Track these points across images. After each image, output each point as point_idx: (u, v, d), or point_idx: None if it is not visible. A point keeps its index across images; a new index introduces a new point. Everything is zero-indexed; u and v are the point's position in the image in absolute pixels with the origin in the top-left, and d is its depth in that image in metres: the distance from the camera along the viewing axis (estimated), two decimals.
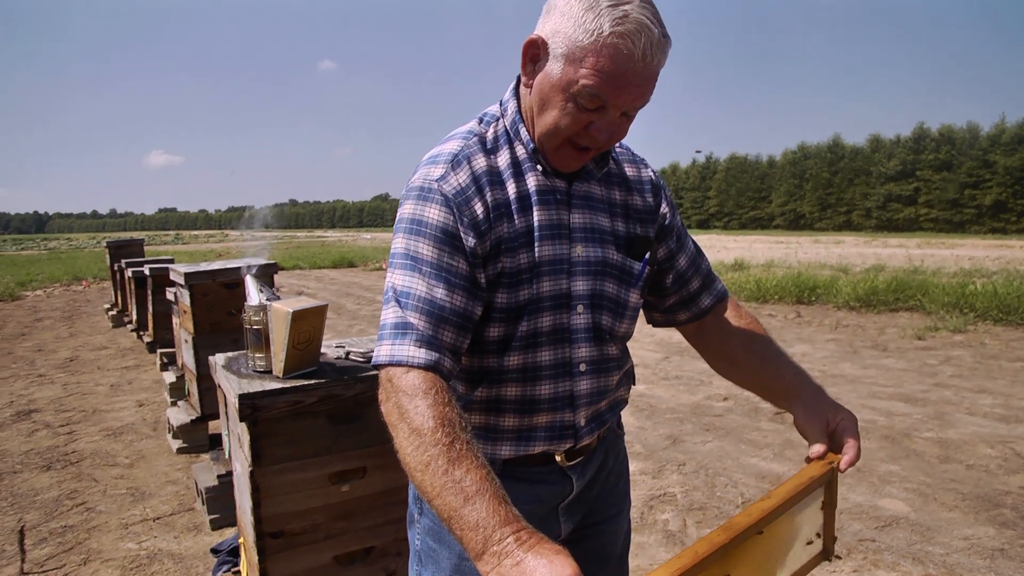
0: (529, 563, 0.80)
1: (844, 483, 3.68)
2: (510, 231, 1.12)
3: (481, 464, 0.92)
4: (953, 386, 5.60)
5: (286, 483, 2.01)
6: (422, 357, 1.02)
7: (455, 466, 0.90)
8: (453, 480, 0.89)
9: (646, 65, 1.00)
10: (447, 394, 1.00)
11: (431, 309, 1.05)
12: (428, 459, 0.92)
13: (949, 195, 44.57)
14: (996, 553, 2.93)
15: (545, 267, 1.14)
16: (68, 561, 3.09)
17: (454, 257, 1.07)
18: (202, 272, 4.17)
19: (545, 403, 1.19)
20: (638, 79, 1.01)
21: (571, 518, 1.31)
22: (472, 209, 1.09)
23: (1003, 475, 3.75)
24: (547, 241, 1.14)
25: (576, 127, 1.06)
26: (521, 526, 0.86)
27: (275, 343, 1.97)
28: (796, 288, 10.46)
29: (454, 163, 1.11)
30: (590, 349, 1.20)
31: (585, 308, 1.18)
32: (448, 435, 0.93)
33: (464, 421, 0.98)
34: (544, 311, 1.15)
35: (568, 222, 1.16)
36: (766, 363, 1.28)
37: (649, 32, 0.99)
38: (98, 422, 5.22)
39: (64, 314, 11.89)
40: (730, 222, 61.19)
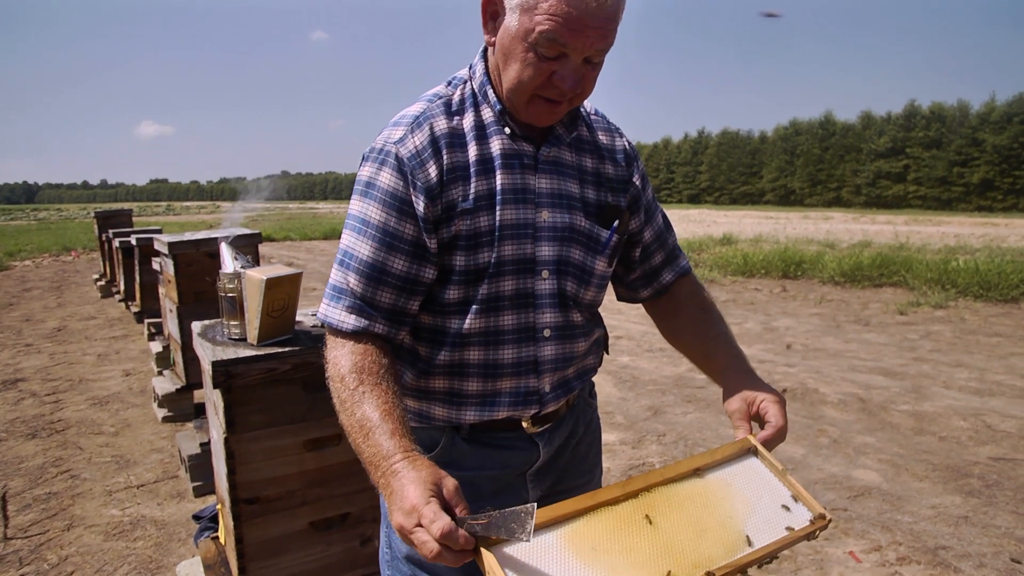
0: (398, 486, 0.92)
1: (820, 455, 3.76)
2: (466, 193, 1.11)
3: (383, 402, 1.01)
4: (931, 360, 5.69)
5: (261, 450, 2.04)
6: (350, 323, 1.10)
7: (357, 407, 1.01)
8: (356, 418, 1.01)
9: (600, 5, 0.98)
10: (364, 346, 1.09)
11: (371, 272, 1.10)
12: (339, 402, 1.05)
13: (938, 173, 44.66)
14: (960, 520, 3.01)
15: (508, 231, 1.13)
16: (52, 527, 3.12)
17: (401, 222, 1.10)
18: (186, 242, 4.17)
19: (508, 367, 1.20)
20: (595, 20, 0.99)
21: (539, 484, 1.32)
22: (426, 172, 1.09)
23: (973, 446, 3.83)
24: (510, 205, 1.13)
25: (540, 78, 1.05)
26: (400, 456, 0.95)
27: (249, 311, 1.99)
28: (782, 263, 10.53)
29: (414, 125, 1.12)
30: (555, 315, 1.20)
31: (551, 274, 1.18)
32: (355, 379, 1.04)
33: (379, 366, 1.06)
34: (506, 275, 1.15)
35: (534, 187, 1.16)
36: (706, 342, 1.30)
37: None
38: (84, 391, 5.24)
39: (53, 284, 11.84)
40: (721, 197, 61.17)
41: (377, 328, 1.11)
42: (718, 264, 11.30)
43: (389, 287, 1.11)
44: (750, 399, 1.16)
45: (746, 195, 59.20)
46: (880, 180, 48.57)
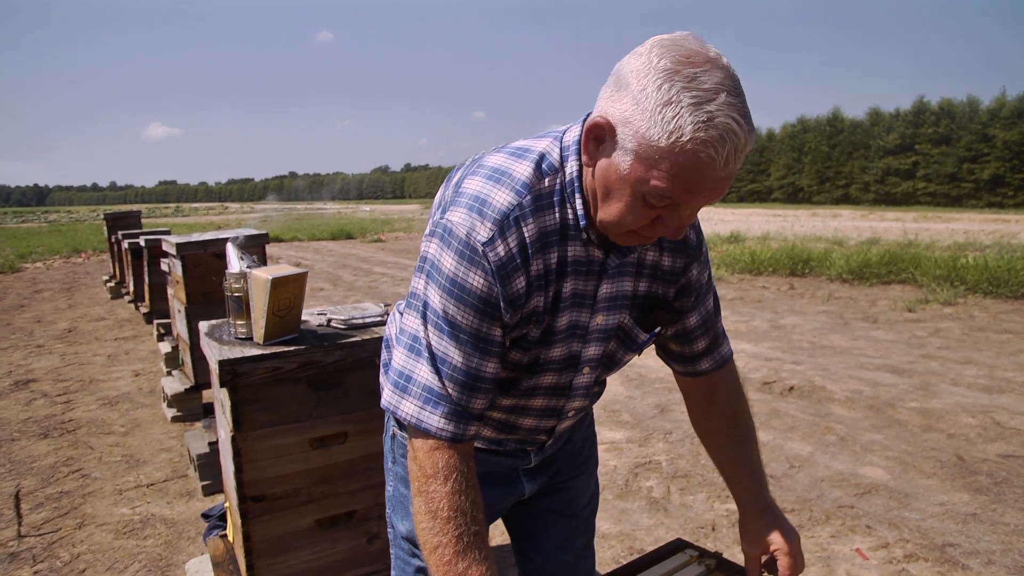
0: None
1: (827, 452, 3.75)
2: (544, 300, 1.07)
3: (483, 560, 1.01)
4: (940, 357, 5.66)
5: (267, 448, 2.06)
6: (450, 431, 1.04)
7: (459, 558, 1.00)
8: (456, 571, 1.00)
9: (727, 170, 0.89)
10: (464, 479, 1.04)
11: (467, 380, 1.04)
12: (437, 543, 1.01)
13: (947, 169, 44.39)
14: (969, 518, 3.00)
15: (560, 334, 1.11)
16: (63, 525, 3.16)
17: (492, 326, 1.04)
18: (193, 243, 4.20)
19: (525, 430, 1.28)
20: (715, 183, 0.90)
21: (534, 480, 1.39)
22: (513, 283, 1.02)
23: (982, 443, 3.82)
24: (566, 311, 1.10)
25: (642, 222, 0.97)
26: None
27: (255, 310, 2.00)
28: (790, 260, 10.49)
29: (504, 227, 1.00)
30: (583, 400, 1.26)
31: (591, 370, 1.20)
32: (458, 527, 1.01)
33: (476, 509, 1.04)
34: (550, 371, 1.16)
35: (595, 292, 1.11)
36: (731, 460, 1.30)
37: (734, 138, 0.86)
38: (95, 391, 5.28)
39: (63, 286, 11.93)
40: (728, 195, 60.85)
41: (471, 431, 1.07)
42: (725, 262, 11.28)
43: (482, 392, 1.06)
44: (765, 546, 1.21)
45: (754, 193, 59.00)
46: (889, 177, 48.32)
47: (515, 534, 1.51)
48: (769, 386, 4.95)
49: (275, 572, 2.15)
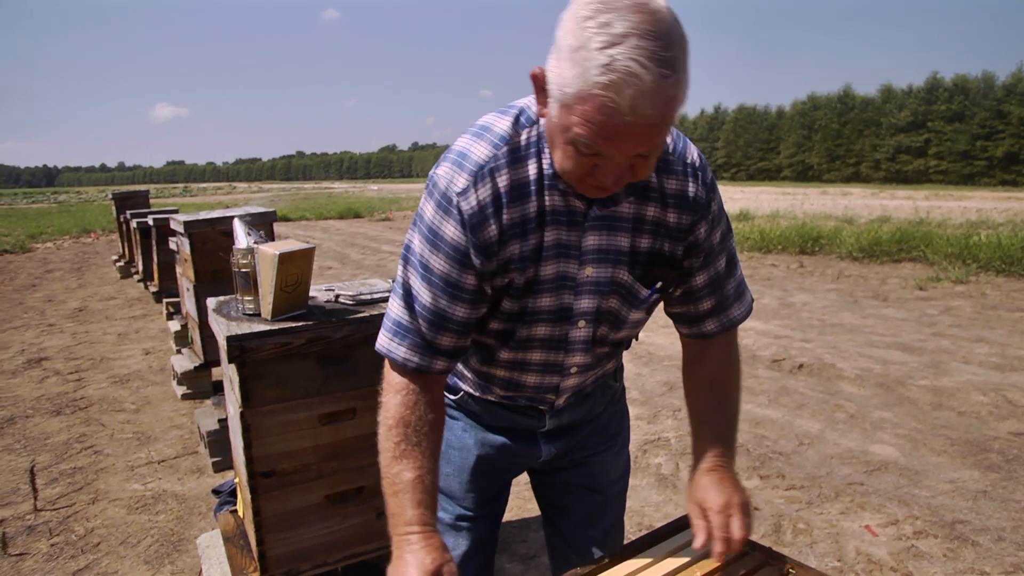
0: (402, 558, 1.08)
1: (837, 430, 3.74)
2: (522, 250, 1.09)
3: (416, 467, 1.12)
4: (951, 335, 5.63)
5: (276, 424, 2.06)
6: (415, 362, 1.14)
7: (396, 462, 1.13)
8: (391, 472, 1.13)
9: (637, 116, 0.86)
10: (417, 396, 1.15)
11: (434, 319, 1.12)
12: (382, 448, 1.16)
13: (960, 146, 43.91)
14: (979, 495, 2.99)
15: (548, 284, 1.13)
16: (77, 500, 3.19)
17: (463, 273, 1.09)
18: (201, 221, 4.20)
19: (530, 388, 1.29)
20: (633, 129, 0.88)
21: (552, 443, 1.38)
22: (486, 231, 1.06)
23: (993, 421, 3.80)
24: (551, 260, 1.11)
25: (581, 170, 0.97)
26: (417, 529, 1.09)
27: (263, 285, 2.00)
28: (800, 238, 10.43)
29: (478, 177, 1.05)
30: (584, 356, 1.24)
31: (588, 323, 1.19)
32: (398, 435, 1.13)
33: (421, 423, 1.14)
34: (541, 322, 1.17)
35: (579, 243, 1.11)
36: (702, 416, 1.28)
37: (638, 82, 0.83)
38: (106, 369, 5.32)
39: (73, 265, 11.99)
40: (737, 173, 60.60)
41: (438, 365, 1.15)
42: (735, 240, 11.24)
43: (451, 332, 1.13)
44: (702, 504, 1.16)
45: (763, 171, 58.58)
46: (900, 155, 47.88)
47: (543, 506, 1.51)
48: (778, 364, 4.93)
49: (285, 547, 2.16)
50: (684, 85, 0.88)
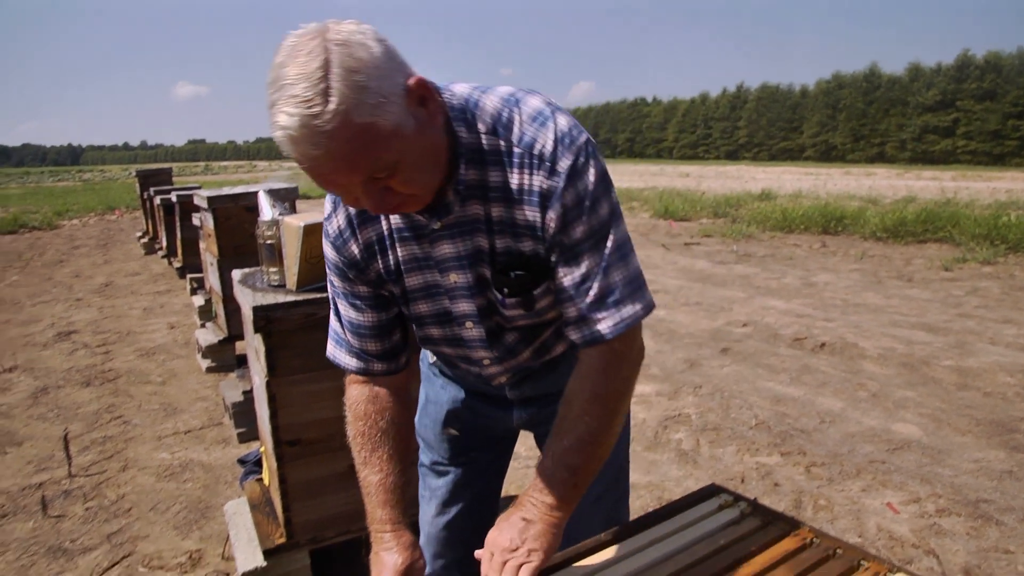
0: (378, 554, 1.19)
1: (859, 408, 3.72)
2: (384, 265, 1.15)
3: (378, 470, 1.23)
4: (977, 316, 5.55)
5: (301, 393, 2.09)
6: (354, 366, 1.25)
7: (362, 467, 1.26)
8: (360, 476, 1.26)
9: (316, 158, 0.86)
10: (368, 398, 1.25)
11: (351, 327, 1.22)
12: (353, 456, 1.29)
13: (991, 126, 42.99)
14: (1004, 475, 2.97)
15: (418, 293, 1.17)
16: (108, 468, 3.27)
17: (353, 285, 1.18)
18: (224, 196, 4.23)
19: (471, 374, 1.34)
20: (326, 168, 0.88)
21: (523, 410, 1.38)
22: (349, 250, 1.15)
23: (1020, 402, 3.75)
24: (413, 273, 1.14)
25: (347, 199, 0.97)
26: (389, 528, 1.20)
27: (288, 257, 2.02)
28: (823, 218, 10.31)
29: (336, 203, 1.14)
30: (489, 351, 1.22)
31: (475, 323, 1.18)
32: (359, 443, 1.26)
33: (376, 426, 1.24)
34: (430, 325, 1.22)
35: (432, 254, 1.11)
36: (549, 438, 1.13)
37: (291, 132, 0.84)
38: (132, 343, 5.41)
39: (99, 242, 12.17)
40: (759, 153, 59.87)
41: (376, 367, 1.24)
42: (756, 219, 11.11)
43: (369, 337, 1.21)
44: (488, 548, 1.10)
45: (785, 151, 57.83)
46: (927, 135, 47.01)
47: None
48: (800, 342, 4.90)
49: (310, 514, 2.20)
50: (348, 107, 0.83)
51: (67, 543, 2.65)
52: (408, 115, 0.91)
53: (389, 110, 0.87)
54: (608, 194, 1.04)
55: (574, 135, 1.01)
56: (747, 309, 5.93)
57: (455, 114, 1.02)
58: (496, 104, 1.03)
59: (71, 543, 2.65)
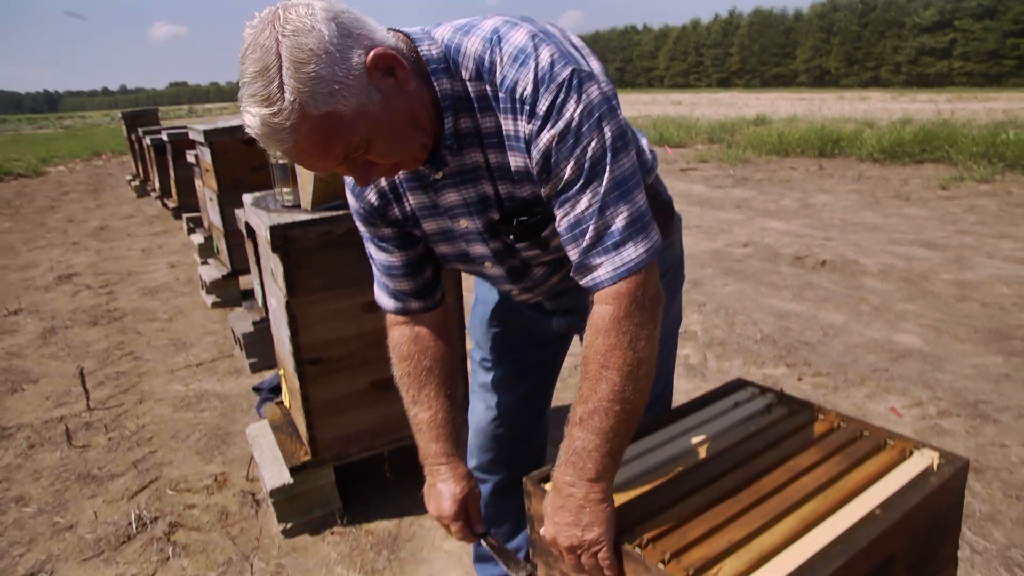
0: (435, 486, 1.26)
1: (861, 321, 3.78)
2: (401, 211, 1.18)
3: (427, 407, 1.27)
4: (975, 232, 5.59)
5: (321, 312, 2.12)
6: (392, 306, 1.29)
7: (411, 405, 1.29)
8: (410, 415, 1.30)
9: (287, 151, 0.90)
10: (408, 337, 1.28)
11: (384, 269, 1.26)
12: (401, 395, 1.31)
13: (989, 46, 42.28)
14: (1001, 378, 3.05)
15: (436, 236, 1.20)
16: (125, 400, 3.32)
17: (378, 229, 1.22)
18: (221, 130, 4.17)
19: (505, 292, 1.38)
20: (298, 157, 0.92)
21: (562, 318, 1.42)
22: (367, 199, 1.18)
23: (1016, 311, 3.82)
24: (426, 219, 1.17)
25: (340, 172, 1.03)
26: (444, 460, 1.26)
27: (302, 176, 2.01)
28: (819, 141, 10.25)
29: None
30: (513, 284, 1.27)
31: (493, 262, 1.20)
32: (405, 382, 1.29)
33: (420, 364, 1.27)
34: (452, 262, 1.26)
35: (439, 202, 1.13)
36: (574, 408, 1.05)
37: (257, 128, 0.87)
38: (134, 283, 5.42)
39: (88, 187, 12.03)
40: (752, 80, 58.97)
41: (413, 305, 1.27)
42: (752, 144, 11.04)
43: (401, 277, 1.25)
44: None
45: (778, 77, 56.97)
46: (923, 57, 46.28)
47: None
48: (801, 260, 4.94)
49: (334, 431, 2.26)
50: (302, 101, 0.85)
51: (95, 470, 2.72)
52: (371, 91, 0.90)
53: (348, 93, 0.87)
54: (600, 127, 0.96)
55: (556, 71, 0.94)
56: (747, 230, 5.95)
57: (435, 66, 0.99)
58: (478, 47, 0.99)
59: (99, 470, 2.72)
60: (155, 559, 2.18)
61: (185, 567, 2.13)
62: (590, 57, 1.03)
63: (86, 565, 2.17)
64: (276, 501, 2.23)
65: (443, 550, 2.14)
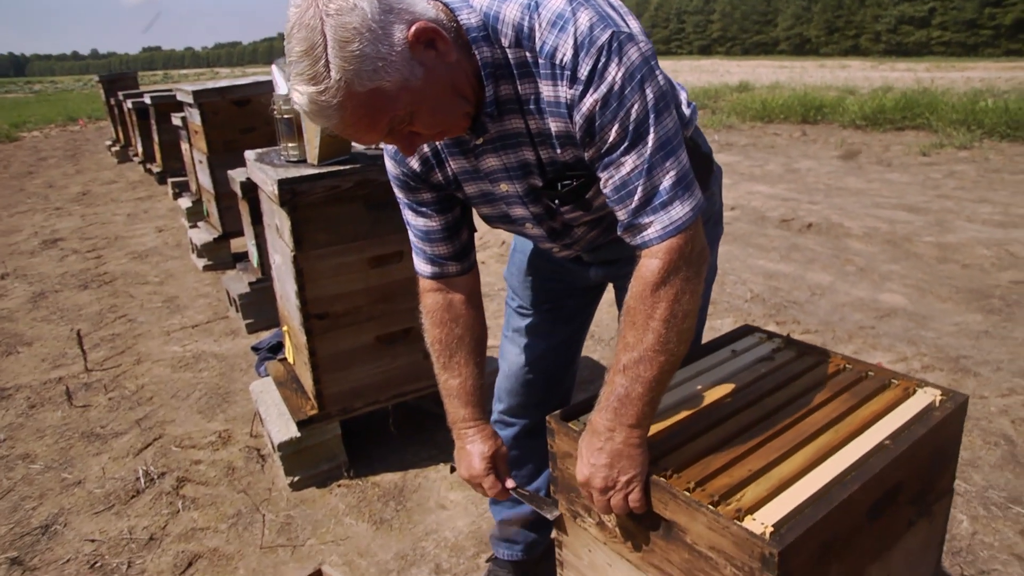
0: (464, 448, 1.33)
1: (847, 281, 3.87)
2: (443, 175, 1.20)
3: (457, 374, 1.32)
4: (955, 197, 5.69)
5: (328, 267, 2.14)
6: (429, 271, 1.32)
7: (441, 371, 1.34)
8: (440, 380, 1.35)
9: (334, 126, 0.94)
10: (442, 303, 1.32)
11: (422, 235, 1.29)
12: (432, 361, 1.36)
13: (967, 15, 42.45)
14: (981, 335, 3.15)
15: (477, 199, 1.24)
16: (123, 361, 3.33)
17: (416, 193, 1.25)
18: (211, 90, 4.13)
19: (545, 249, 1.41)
20: (345, 132, 0.96)
21: (600, 269, 1.46)
22: (409, 164, 1.20)
23: (995, 272, 3.93)
24: (468, 182, 1.20)
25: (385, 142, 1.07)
26: (472, 424, 1.32)
27: (308, 130, 2.02)
28: (802, 107, 10.30)
29: None
30: (554, 242, 1.31)
31: (533, 224, 1.24)
32: (435, 351, 1.34)
33: (450, 338, 1.32)
34: (497, 223, 1.30)
35: (479, 167, 1.16)
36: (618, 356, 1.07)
37: (305, 106, 0.91)
38: (122, 247, 5.38)
39: (67, 153, 11.79)
40: (733, 47, 58.79)
41: (451, 269, 1.31)
42: (736, 110, 11.06)
43: (440, 241, 1.28)
44: None
45: (759, 45, 56.82)
46: (902, 26, 46.36)
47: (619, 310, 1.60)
48: (787, 223, 5.02)
49: (340, 385, 2.30)
50: (348, 79, 0.87)
51: (98, 428, 2.74)
52: (414, 64, 0.92)
53: (391, 69, 0.89)
54: (642, 89, 0.97)
55: (595, 35, 0.95)
56: (733, 194, 6.01)
57: (475, 34, 1.00)
58: (516, 13, 0.99)
59: (102, 428, 2.74)
60: (166, 512, 2.22)
61: (196, 519, 2.18)
62: (628, 16, 1.03)
63: (98, 518, 2.20)
64: (284, 455, 2.27)
65: (449, 500, 2.21)
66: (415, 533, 2.06)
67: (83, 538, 2.11)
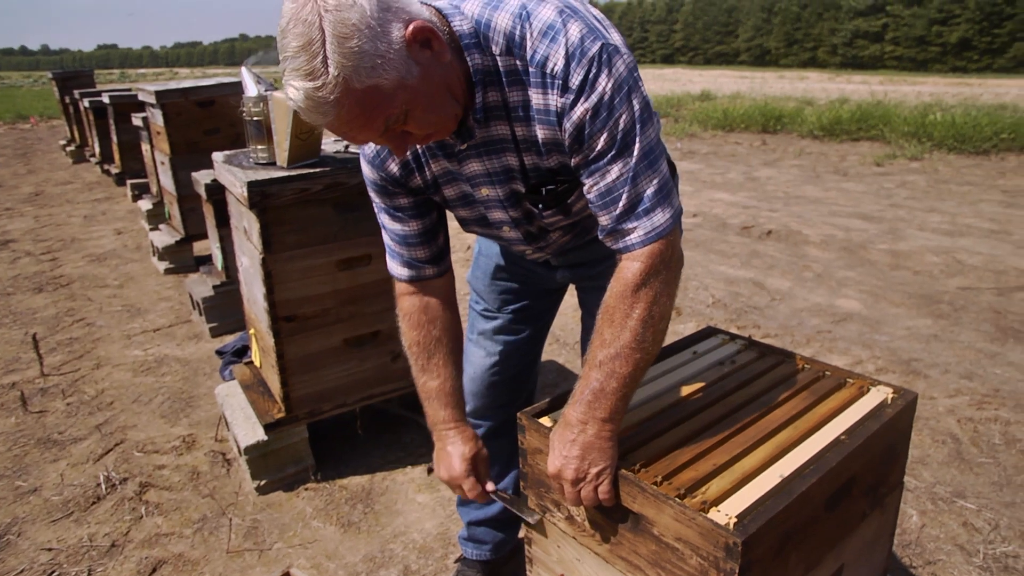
0: (445, 449, 1.33)
1: (805, 287, 3.98)
2: (423, 178, 1.21)
3: (436, 376, 1.33)
4: (906, 206, 5.89)
5: (297, 269, 2.14)
6: (406, 274, 1.32)
7: (420, 374, 1.35)
8: (420, 382, 1.35)
9: (329, 123, 0.93)
10: (419, 306, 1.32)
11: (399, 239, 1.29)
12: (410, 364, 1.36)
13: (916, 32, 43.80)
14: (931, 338, 3.27)
15: (456, 202, 1.25)
16: (81, 366, 3.26)
17: (394, 199, 1.25)
18: (173, 91, 4.08)
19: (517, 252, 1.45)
20: (340, 129, 0.95)
21: (566, 271, 1.50)
22: (388, 169, 1.21)
23: (944, 278, 4.08)
24: (448, 185, 1.22)
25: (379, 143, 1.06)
26: (452, 425, 1.33)
27: (278, 133, 2.02)
28: (762, 117, 10.53)
29: None
30: (528, 245, 1.34)
31: (511, 227, 1.26)
32: (413, 354, 1.34)
33: (430, 335, 1.32)
34: (471, 225, 1.32)
35: (461, 171, 1.17)
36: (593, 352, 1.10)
37: (300, 102, 0.90)
38: (79, 250, 5.25)
39: (17, 152, 11.44)
40: (695, 57, 59.75)
41: (427, 272, 1.32)
42: (698, 119, 11.26)
43: (417, 245, 1.29)
44: None
45: (720, 55, 57.85)
46: (857, 40, 47.63)
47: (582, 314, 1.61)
48: (748, 230, 5.14)
49: (307, 388, 2.29)
50: (346, 76, 0.87)
51: (55, 435, 2.68)
52: (411, 64, 0.92)
53: (389, 67, 0.89)
54: (629, 100, 1.01)
55: (586, 46, 0.98)
56: (695, 201, 6.12)
57: (467, 41, 1.01)
58: (508, 22, 1.01)
59: (59, 434, 2.68)
60: (128, 518, 2.18)
61: (159, 524, 2.15)
62: (611, 29, 1.06)
63: (56, 526, 2.16)
64: (250, 458, 2.26)
65: (416, 502, 2.22)
66: (383, 535, 2.07)
67: (39, 547, 2.07)
